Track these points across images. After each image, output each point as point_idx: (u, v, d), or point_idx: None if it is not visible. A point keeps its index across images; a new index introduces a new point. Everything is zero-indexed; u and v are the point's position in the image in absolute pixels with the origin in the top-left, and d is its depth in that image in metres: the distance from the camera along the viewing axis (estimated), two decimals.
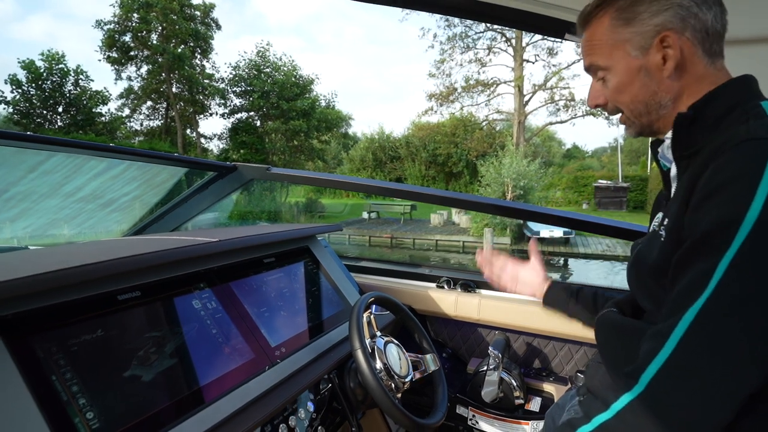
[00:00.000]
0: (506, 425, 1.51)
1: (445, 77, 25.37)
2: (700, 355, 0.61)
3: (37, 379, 0.72)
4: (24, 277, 0.74)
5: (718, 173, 0.65)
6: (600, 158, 52.90)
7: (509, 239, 15.92)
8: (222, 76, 24.57)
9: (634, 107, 0.83)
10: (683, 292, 0.65)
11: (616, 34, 0.80)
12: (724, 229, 0.61)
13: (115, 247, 1.08)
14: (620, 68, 0.81)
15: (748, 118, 0.69)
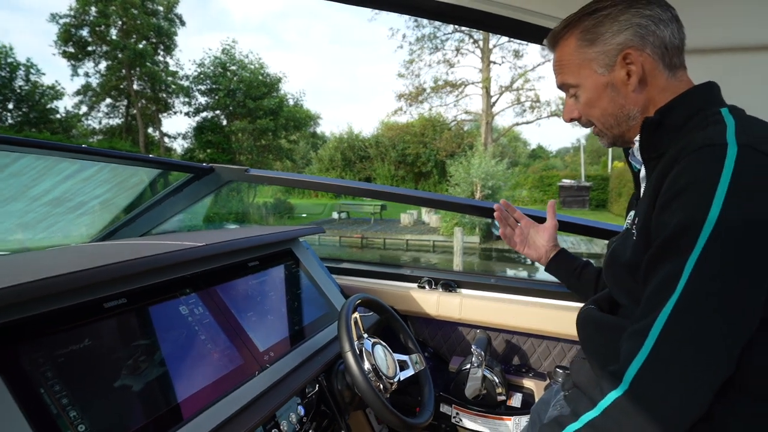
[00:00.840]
0: (489, 422, 1.55)
1: (414, 77, 25.57)
2: (677, 351, 0.65)
3: (25, 392, 0.69)
4: (7, 287, 0.71)
5: (680, 177, 0.69)
6: (563, 158, 54.46)
7: (478, 238, 16.19)
8: (186, 73, 23.94)
9: (605, 120, 0.89)
10: (655, 292, 0.69)
11: (582, 53, 0.87)
12: (688, 231, 0.65)
13: (99, 254, 1.04)
14: (589, 85, 0.88)
15: (707, 124, 0.74)
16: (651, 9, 0.81)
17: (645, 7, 0.82)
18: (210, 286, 1.15)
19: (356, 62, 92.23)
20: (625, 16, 0.82)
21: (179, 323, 1.00)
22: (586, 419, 0.73)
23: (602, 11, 0.84)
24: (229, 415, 0.92)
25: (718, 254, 0.63)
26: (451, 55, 24.47)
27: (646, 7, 0.82)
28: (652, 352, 0.66)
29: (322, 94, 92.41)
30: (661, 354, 0.66)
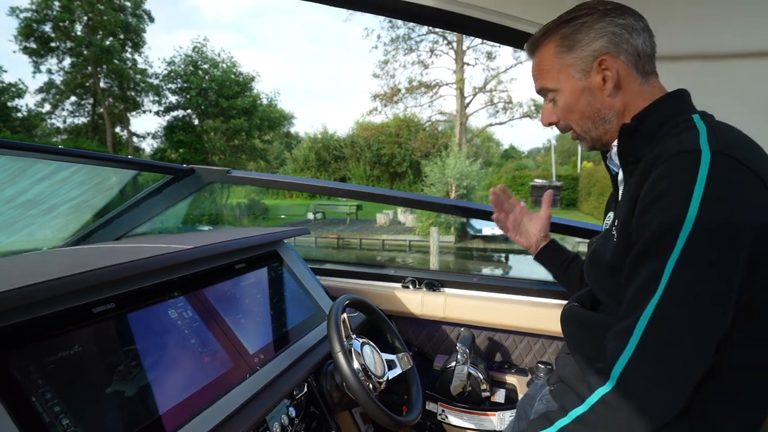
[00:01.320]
0: (474, 417, 1.58)
1: (389, 78, 25.63)
2: (661, 348, 0.69)
3: (16, 401, 0.67)
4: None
5: (658, 183, 0.73)
6: (535, 158, 55.54)
7: (454, 237, 16.36)
8: (156, 71, 23.21)
9: (583, 124, 0.92)
10: (638, 292, 0.73)
11: (560, 59, 0.90)
12: (667, 234, 0.69)
13: (84, 258, 1.02)
14: (567, 90, 0.91)
15: (680, 130, 0.78)
16: (624, 18, 0.85)
17: (619, 16, 0.86)
18: (197, 289, 1.14)
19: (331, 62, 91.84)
20: (601, 24, 0.86)
21: (169, 327, 0.99)
22: (574, 415, 0.76)
23: (579, 19, 0.87)
24: (222, 419, 0.92)
25: (696, 255, 0.67)
26: (425, 56, 24.64)
27: (620, 17, 0.85)
28: (636, 350, 0.70)
29: (296, 94, 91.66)
30: (646, 351, 0.69)
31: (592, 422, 0.74)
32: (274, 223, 20.93)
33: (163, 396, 0.87)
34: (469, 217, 15.60)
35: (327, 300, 1.60)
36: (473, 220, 16.55)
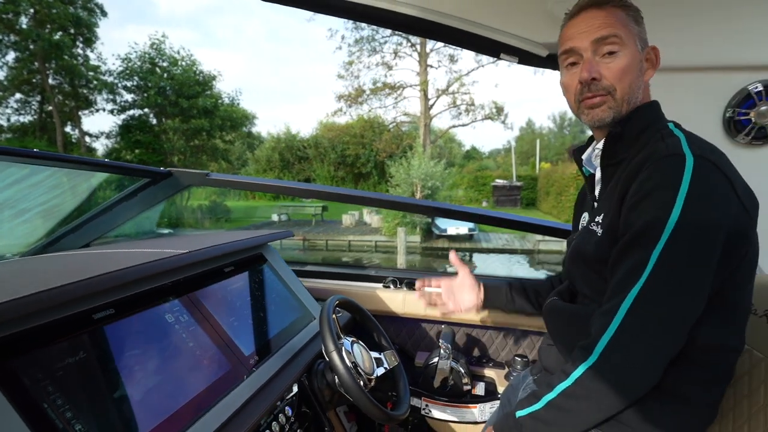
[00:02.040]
0: (457, 410, 1.64)
1: (353, 79, 25.62)
2: (642, 326, 0.78)
3: (29, 408, 0.68)
4: (5, 302, 0.69)
5: (647, 181, 0.81)
6: (495, 159, 56.97)
7: (419, 237, 16.57)
8: (110, 68, 22.14)
9: (628, 91, 0.91)
10: (624, 277, 0.80)
11: (632, 26, 0.92)
12: (655, 227, 0.77)
13: (78, 264, 1.01)
14: (631, 53, 0.91)
15: (662, 136, 0.86)
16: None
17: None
18: (191, 292, 1.14)
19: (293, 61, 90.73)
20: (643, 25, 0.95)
21: (168, 331, 0.99)
22: (560, 389, 0.84)
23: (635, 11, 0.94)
24: (225, 419, 0.94)
25: (679, 247, 0.76)
26: (389, 57, 24.80)
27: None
28: (619, 328, 0.78)
29: (257, 93, 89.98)
30: (628, 329, 0.78)
31: (576, 394, 0.82)
32: (236, 226, 20.49)
33: (168, 399, 0.88)
34: (445, 218, 15.87)
35: (312, 301, 1.62)
36: (438, 220, 16.82)
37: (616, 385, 0.79)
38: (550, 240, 15.25)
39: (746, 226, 0.81)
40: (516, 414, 0.90)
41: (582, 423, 0.84)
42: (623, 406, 0.82)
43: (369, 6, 1.59)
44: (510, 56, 1.60)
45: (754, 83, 1.37)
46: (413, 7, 1.56)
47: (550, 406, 0.85)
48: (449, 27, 1.59)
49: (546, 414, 0.85)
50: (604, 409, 0.81)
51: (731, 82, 1.40)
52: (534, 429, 0.87)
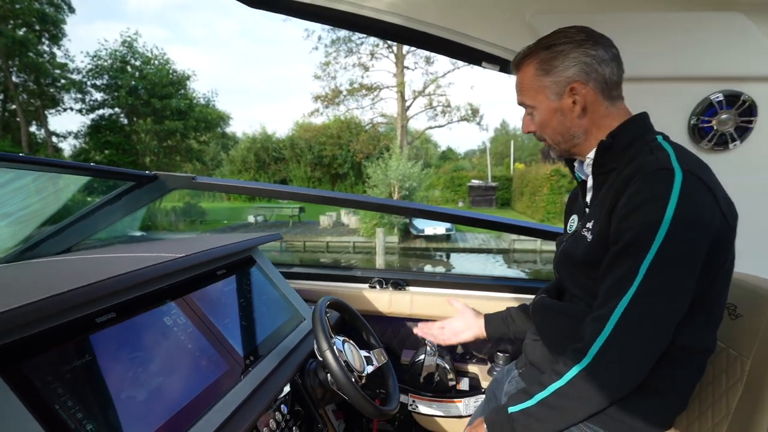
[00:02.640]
0: (443, 405, 1.71)
1: (330, 79, 25.56)
2: (632, 331, 0.84)
3: (43, 410, 0.70)
4: (13, 309, 0.70)
5: (638, 194, 0.86)
6: (471, 160, 57.63)
7: (397, 238, 16.66)
8: (78, 66, 21.36)
9: (554, 138, 1.05)
10: (615, 284, 0.86)
11: (538, 81, 1.01)
12: (645, 238, 0.83)
13: (78, 268, 1.02)
14: (542, 108, 1.03)
15: (651, 149, 0.92)
16: (596, 50, 0.96)
17: (591, 47, 0.96)
18: (186, 295, 1.17)
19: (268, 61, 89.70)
20: (575, 54, 0.96)
21: (167, 333, 1.02)
22: (552, 388, 0.90)
23: (557, 47, 0.98)
24: (225, 417, 0.97)
25: (667, 257, 0.81)
26: (366, 58, 24.83)
27: (592, 48, 0.96)
28: (612, 333, 0.84)
29: (230, 93, 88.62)
30: (620, 334, 0.84)
31: (568, 394, 0.88)
32: (212, 228, 20.16)
33: (172, 398, 0.90)
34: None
35: (301, 302, 1.65)
36: (416, 221, 16.96)
37: (607, 385, 0.85)
38: (525, 239, 15.57)
39: (727, 237, 0.88)
40: (508, 410, 0.96)
41: (572, 419, 0.91)
42: (611, 403, 0.89)
43: (356, 15, 1.64)
44: (491, 65, 1.67)
45: (716, 93, 1.47)
46: (399, 17, 1.62)
47: (542, 404, 0.91)
48: (433, 36, 1.65)
49: (538, 411, 0.91)
50: (594, 406, 0.88)
51: (695, 92, 1.50)
52: (526, 424, 0.93)
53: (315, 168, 31.78)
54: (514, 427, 0.95)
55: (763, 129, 1.48)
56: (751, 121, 1.47)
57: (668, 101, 1.52)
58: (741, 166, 1.53)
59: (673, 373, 0.93)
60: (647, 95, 1.53)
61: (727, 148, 1.52)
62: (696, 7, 1.41)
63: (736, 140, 1.50)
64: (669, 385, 0.94)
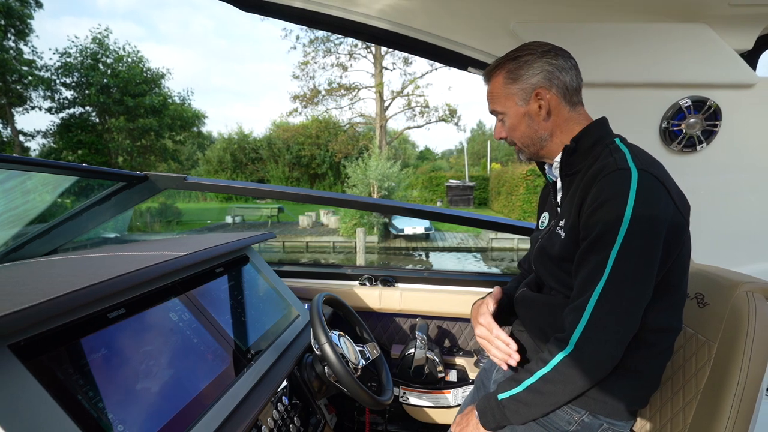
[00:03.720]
0: (432, 396, 1.77)
1: (308, 79, 25.41)
2: (607, 316, 0.92)
3: (66, 398, 0.73)
4: (35, 305, 0.74)
5: (601, 192, 0.95)
6: (448, 160, 58.23)
7: (377, 237, 16.72)
8: (47, 63, 20.59)
9: (523, 141, 1.14)
10: (588, 276, 0.95)
11: (507, 89, 1.11)
12: (610, 232, 0.92)
13: (86, 267, 1.05)
14: (512, 113, 1.12)
15: (610, 151, 1.01)
16: (557, 59, 1.07)
17: (553, 57, 1.07)
18: (188, 292, 1.20)
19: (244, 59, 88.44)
20: (538, 63, 1.07)
21: (174, 328, 1.05)
22: (539, 374, 0.98)
23: (522, 58, 1.08)
24: (234, 407, 1.01)
25: (632, 246, 0.90)
26: (344, 58, 24.78)
27: (554, 58, 1.07)
28: (590, 320, 0.92)
29: (206, 91, 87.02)
30: (597, 321, 0.92)
31: (553, 379, 0.96)
32: (189, 228, 19.83)
33: (183, 390, 0.94)
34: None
35: (295, 299, 1.70)
36: (395, 220, 17.05)
37: (588, 368, 0.94)
38: (503, 238, 15.86)
39: (681, 225, 0.97)
40: (498, 397, 1.04)
41: (557, 402, 0.99)
42: (592, 385, 0.97)
43: (347, 20, 1.69)
44: (476, 69, 1.74)
45: (684, 99, 1.58)
46: (388, 22, 1.68)
47: (529, 389, 0.99)
48: (421, 41, 1.71)
49: (526, 396, 0.99)
50: (577, 389, 0.96)
51: (666, 98, 1.61)
52: (515, 409, 1.01)
53: (293, 168, 31.60)
54: (504, 412, 1.02)
55: (726, 132, 1.60)
56: (716, 124, 1.59)
57: (641, 106, 1.63)
58: (708, 166, 1.65)
59: (645, 353, 1.01)
60: (622, 100, 1.63)
61: (695, 150, 1.63)
62: (665, 19, 1.52)
63: (702, 142, 1.61)
64: (642, 364, 1.02)
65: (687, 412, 1.10)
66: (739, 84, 1.55)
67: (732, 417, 0.99)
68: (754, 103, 1.57)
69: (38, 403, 0.69)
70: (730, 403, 1.00)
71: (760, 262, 1.72)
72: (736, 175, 1.66)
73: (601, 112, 1.22)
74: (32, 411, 0.67)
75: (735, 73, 1.53)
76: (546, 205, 1.28)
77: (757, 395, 1.00)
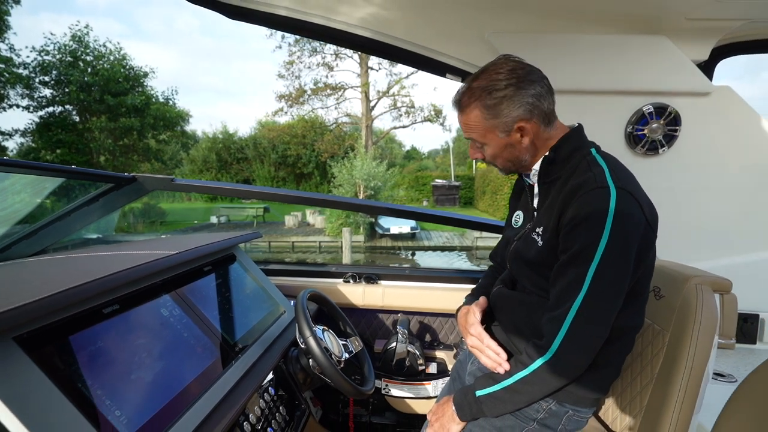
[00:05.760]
0: (413, 388, 1.86)
1: (294, 79, 25.33)
2: (585, 328, 1.00)
3: (68, 386, 0.79)
4: (37, 300, 0.80)
5: (581, 209, 1.01)
6: (434, 159, 58.44)
7: (363, 237, 16.78)
8: (24, 61, 20.11)
9: (504, 164, 1.18)
10: (567, 288, 1.02)
11: (487, 122, 1.10)
12: (589, 248, 0.99)
13: (79, 266, 1.10)
14: (493, 144, 1.14)
15: (589, 164, 1.07)
16: (535, 88, 1.06)
17: (531, 86, 1.06)
18: (178, 289, 1.26)
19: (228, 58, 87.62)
20: (518, 97, 1.06)
21: (165, 323, 1.12)
22: (518, 377, 1.06)
23: (499, 92, 1.06)
24: (222, 395, 1.08)
25: (609, 263, 0.97)
26: (330, 58, 24.76)
27: (532, 87, 1.06)
28: (569, 330, 1.00)
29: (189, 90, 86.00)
30: (575, 331, 1.00)
31: (532, 381, 1.05)
32: (173, 229, 19.64)
33: (174, 380, 1.01)
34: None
35: (281, 296, 1.76)
36: (381, 220, 17.13)
37: (565, 372, 1.03)
38: (488, 237, 16.05)
39: (651, 238, 1.05)
40: (476, 393, 1.12)
41: (532, 399, 1.09)
42: (567, 385, 1.06)
43: (329, 27, 1.77)
44: (454, 76, 1.83)
45: (647, 105, 1.69)
46: (369, 30, 1.76)
47: (507, 389, 1.07)
48: (402, 49, 1.80)
49: (503, 395, 1.08)
50: (552, 388, 1.05)
51: (630, 104, 1.72)
52: (492, 405, 1.10)
53: (279, 168, 31.47)
54: (480, 407, 1.11)
55: (686, 136, 1.72)
56: (676, 129, 1.70)
57: (608, 112, 1.73)
58: (669, 168, 1.77)
59: (610, 349, 1.10)
60: (591, 106, 1.74)
61: (657, 153, 1.74)
62: (629, 31, 1.62)
63: (664, 146, 1.73)
64: (607, 359, 1.12)
65: (643, 395, 1.20)
66: (697, 92, 1.66)
67: (680, 398, 1.09)
68: (711, 109, 1.68)
69: (42, 389, 0.75)
70: (678, 386, 1.10)
71: (718, 258, 1.84)
72: (695, 176, 1.77)
73: (571, 117, 1.31)
74: (37, 396, 0.73)
75: (692, 82, 1.65)
76: (520, 203, 1.33)
77: (702, 378, 1.10)
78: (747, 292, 1.74)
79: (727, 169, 1.76)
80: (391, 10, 1.66)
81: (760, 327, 1.81)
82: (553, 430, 1.16)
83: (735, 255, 1.83)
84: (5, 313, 0.73)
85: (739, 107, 1.69)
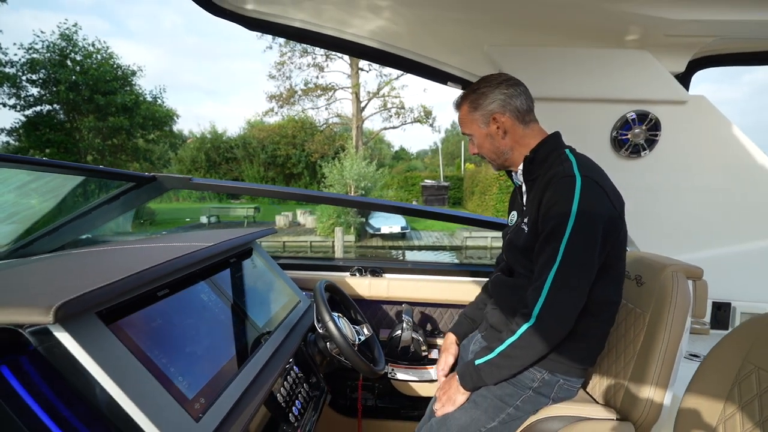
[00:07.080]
0: (417, 371, 2.01)
1: (284, 79, 25.34)
2: (560, 294, 1.16)
3: (139, 354, 0.92)
4: (112, 283, 0.93)
5: (554, 195, 1.19)
6: (423, 160, 58.74)
7: (354, 237, 16.90)
8: (11, 59, 19.84)
9: (490, 155, 1.42)
10: (545, 262, 1.19)
11: (471, 115, 1.37)
12: (560, 226, 1.16)
13: (131, 257, 1.23)
14: (478, 135, 1.39)
15: (561, 161, 1.26)
16: (508, 89, 1.31)
17: (506, 87, 1.32)
18: (212, 277, 1.39)
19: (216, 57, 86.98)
20: (493, 94, 1.32)
21: (205, 306, 1.25)
22: (508, 342, 1.22)
23: (481, 90, 1.34)
24: (259, 369, 1.22)
25: (577, 237, 1.14)
26: (321, 59, 24.83)
27: (506, 88, 1.32)
28: (547, 297, 1.16)
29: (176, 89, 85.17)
30: (552, 297, 1.16)
31: (520, 345, 1.20)
32: (163, 228, 19.55)
33: (218, 356, 1.14)
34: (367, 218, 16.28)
35: (295, 286, 1.90)
36: (372, 219, 17.26)
37: (548, 335, 1.18)
38: (477, 237, 16.28)
39: (617, 218, 1.22)
40: (475, 362, 1.28)
41: (523, 364, 1.24)
42: (552, 349, 1.22)
43: (340, 38, 1.91)
44: (455, 84, 1.98)
45: (630, 112, 1.87)
46: (377, 42, 1.91)
47: (501, 355, 1.23)
48: (406, 58, 1.95)
49: (498, 360, 1.24)
50: (539, 352, 1.21)
51: (615, 111, 1.89)
52: (489, 372, 1.26)
53: (268, 168, 31.46)
54: (480, 375, 1.27)
55: (665, 140, 1.89)
56: (656, 134, 1.88)
57: (596, 118, 1.90)
58: (650, 169, 1.94)
59: (591, 321, 1.27)
60: (580, 113, 1.90)
61: (640, 156, 1.92)
62: (615, 45, 1.79)
63: (646, 149, 1.90)
64: (589, 330, 1.28)
65: (626, 371, 1.37)
66: (675, 100, 1.84)
67: (657, 372, 1.26)
68: (687, 116, 1.86)
69: (122, 357, 0.88)
70: (655, 362, 1.27)
71: (696, 251, 2.02)
72: (674, 176, 1.95)
73: (561, 123, 1.48)
74: (120, 363, 0.87)
75: (671, 91, 1.82)
76: (514, 205, 1.52)
77: (676, 355, 1.27)
78: (721, 282, 1.93)
79: (703, 169, 1.94)
80: (399, 24, 1.80)
81: (732, 314, 2.00)
82: (546, 397, 1.32)
83: (711, 248, 2.02)
84: (92, 292, 0.86)
85: (712, 114, 1.87)
